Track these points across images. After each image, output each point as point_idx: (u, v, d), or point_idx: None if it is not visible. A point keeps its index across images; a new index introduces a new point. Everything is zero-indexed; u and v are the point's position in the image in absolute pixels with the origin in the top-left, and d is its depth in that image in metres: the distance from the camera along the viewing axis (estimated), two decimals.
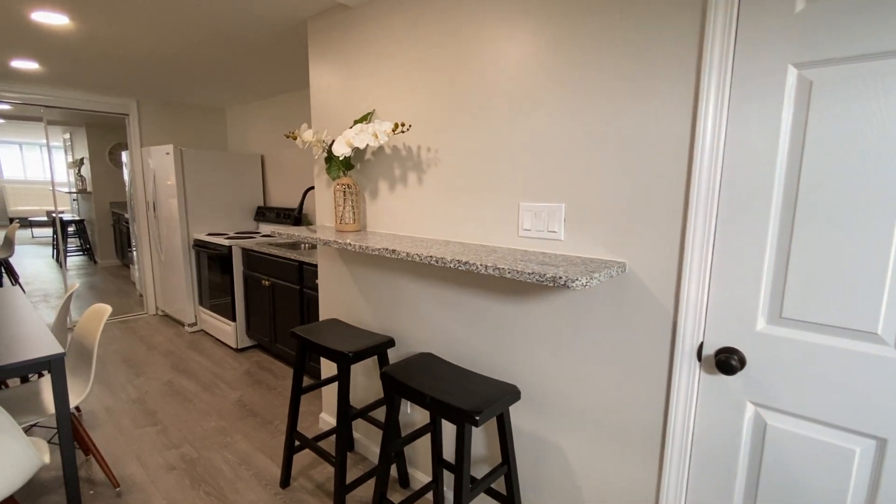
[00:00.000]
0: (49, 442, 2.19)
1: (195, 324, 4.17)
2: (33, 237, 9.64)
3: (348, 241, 1.66)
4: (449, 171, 1.70)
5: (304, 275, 2.97)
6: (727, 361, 1.09)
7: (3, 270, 5.30)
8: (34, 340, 1.75)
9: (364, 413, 1.86)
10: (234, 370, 3.33)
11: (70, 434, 1.70)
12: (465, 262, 1.26)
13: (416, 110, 1.79)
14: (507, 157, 1.52)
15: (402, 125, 1.66)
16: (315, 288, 2.88)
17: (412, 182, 1.84)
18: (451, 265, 1.29)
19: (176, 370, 3.31)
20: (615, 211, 1.28)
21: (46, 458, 1.44)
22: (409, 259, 1.41)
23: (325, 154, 2.00)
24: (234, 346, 3.71)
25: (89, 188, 7.09)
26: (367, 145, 1.82)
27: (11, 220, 10.13)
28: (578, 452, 1.45)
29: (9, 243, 5.38)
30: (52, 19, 2.24)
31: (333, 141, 2.01)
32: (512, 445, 1.48)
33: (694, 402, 1.19)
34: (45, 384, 2.08)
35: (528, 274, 1.11)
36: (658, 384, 1.25)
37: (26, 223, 9.99)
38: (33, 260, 7.50)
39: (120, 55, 2.87)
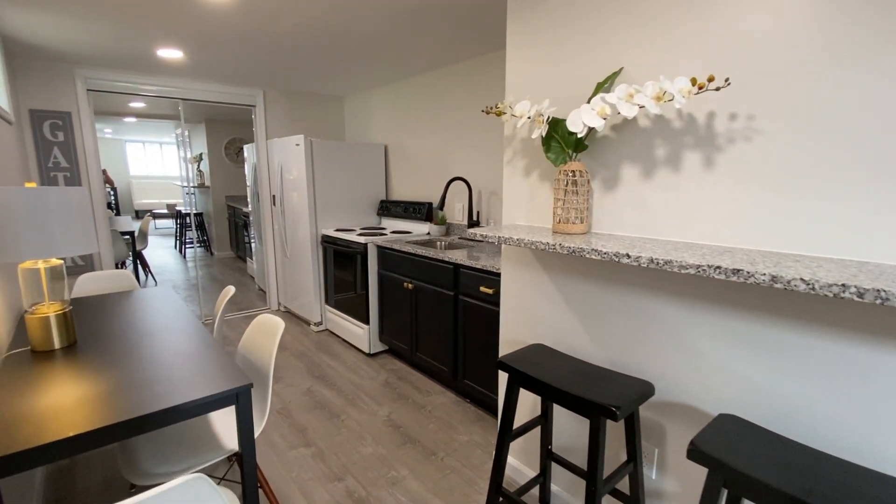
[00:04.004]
0: (223, 479, 1.96)
1: (321, 323, 3.97)
2: (156, 228, 10.40)
3: (666, 257, 1.17)
4: (780, 148, 1.14)
5: (461, 279, 2.55)
6: None
7: (138, 262, 5.54)
8: (211, 364, 1.46)
9: (609, 482, 1.38)
10: (373, 380, 3.03)
11: (255, 479, 1.39)
12: None
13: (706, 58, 1.25)
14: None
15: (710, 80, 1.12)
16: (477, 296, 2.45)
17: (691, 166, 1.30)
18: None
19: (312, 376, 3.08)
20: None
21: None
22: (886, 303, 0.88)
23: (545, 131, 1.53)
24: (366, 350, 3.43)
25: (207, 183, 7.36)
26: (604, 119, 1.31)
27: (137, 213, 11.06)
28: None
29: (143, 236, 5.62)
30: None
31: (550, 116, 1.53)
32: None
33: None
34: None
35: None
36: None
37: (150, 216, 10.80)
38: (158, 251, 7.98)
39: (264, 35, 2.61)
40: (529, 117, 1.54)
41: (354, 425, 2.47)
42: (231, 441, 1.56)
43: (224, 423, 1.68)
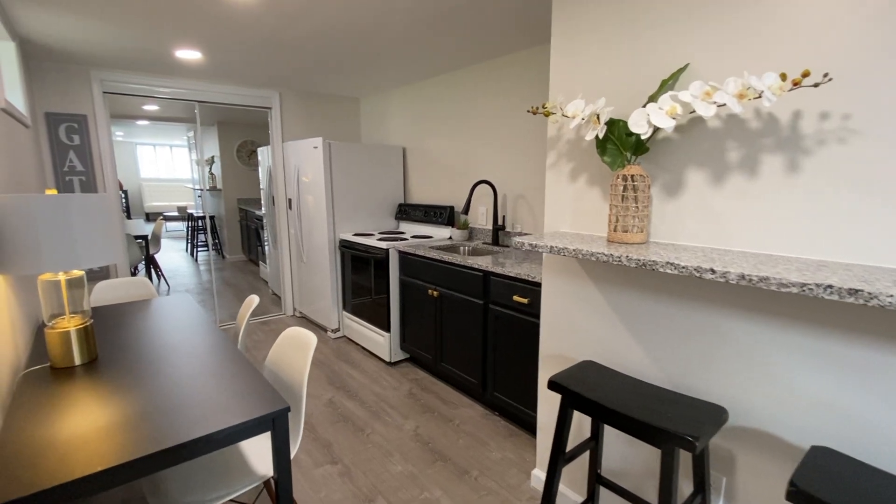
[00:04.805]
0: None
1: (338, 330, 3.88)
2: (167, 231, 10.38)
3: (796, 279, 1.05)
4: (882, 151, 1.02)
5: (491, 287, 2.44)
6: None
7: (151, 267, 5.48)
8: (243, 384, 1.36)
9: None
10: (395, 390, 2.92)
11: None
12: None
13: (786, 52, 1.13)
14: None
15: (806, 76, 1.00)
16: (510, 306, 2.34)
17: (771, 170, 1.19)
18: None
19: (333, 386, 2.98)
20: None
21: None
22: None
23: (602, 133, 1.41)
24: (386, 359, 3.33)
25: (219, 185, 7.30)
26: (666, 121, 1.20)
27: (148, 216, 11.04)
28: None
29: (156, 239, 5.56)
30: None
31: (609, 116, 1.42)
32: None
33: None
34: None
35: None
36: None
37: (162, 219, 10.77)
38: (170, 254, 7.94)
39: (285, 36, 2.52)
40: (583, 118, 1.43)
41: (381, 440, 2.36)
42: (262, 465, 1.46)
43: (253, 443, 1.58)
